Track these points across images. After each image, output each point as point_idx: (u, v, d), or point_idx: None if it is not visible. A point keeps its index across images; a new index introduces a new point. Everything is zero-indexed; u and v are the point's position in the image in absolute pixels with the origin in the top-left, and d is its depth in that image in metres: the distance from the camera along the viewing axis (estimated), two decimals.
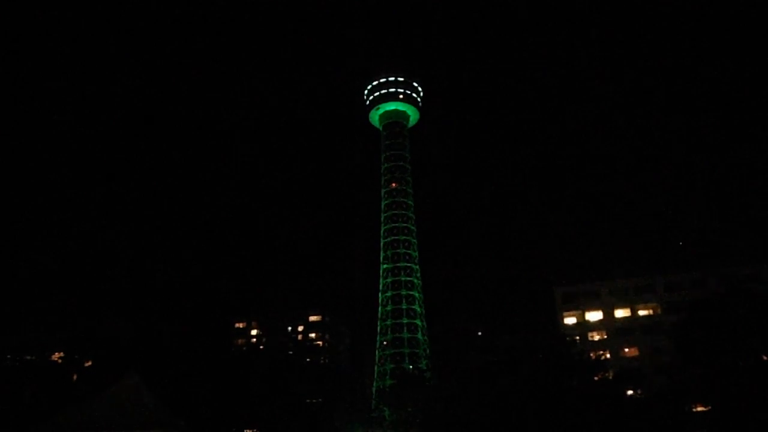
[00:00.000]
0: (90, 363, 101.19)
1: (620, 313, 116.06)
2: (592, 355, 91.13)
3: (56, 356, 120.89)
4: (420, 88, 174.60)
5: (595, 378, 72.40)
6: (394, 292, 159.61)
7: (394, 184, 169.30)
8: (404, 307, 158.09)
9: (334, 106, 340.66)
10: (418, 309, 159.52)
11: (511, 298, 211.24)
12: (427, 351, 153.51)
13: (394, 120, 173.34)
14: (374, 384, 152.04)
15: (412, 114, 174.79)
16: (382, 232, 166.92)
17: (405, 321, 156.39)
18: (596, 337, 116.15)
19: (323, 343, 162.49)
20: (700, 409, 68.36)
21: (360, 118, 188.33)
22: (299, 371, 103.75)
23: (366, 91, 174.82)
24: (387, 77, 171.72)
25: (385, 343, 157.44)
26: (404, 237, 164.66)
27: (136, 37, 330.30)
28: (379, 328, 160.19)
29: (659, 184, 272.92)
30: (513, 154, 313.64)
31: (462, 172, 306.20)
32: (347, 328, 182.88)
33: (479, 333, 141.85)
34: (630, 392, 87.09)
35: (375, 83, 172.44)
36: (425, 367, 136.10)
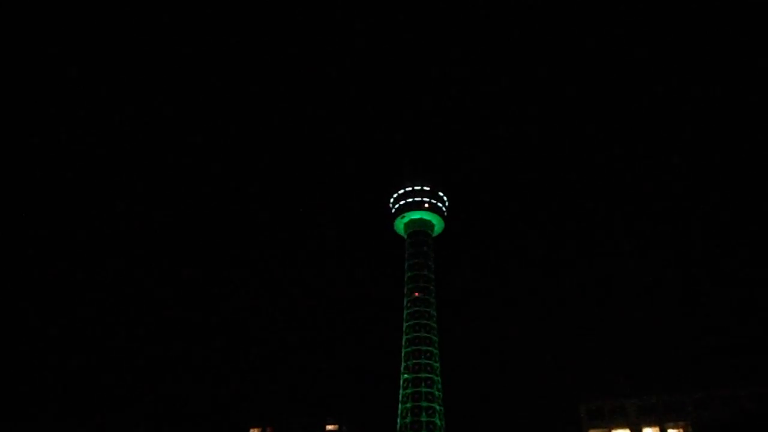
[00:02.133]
0: None
1: (648, 431, 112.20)
2: None
3: None
4: (446, 198, 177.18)
5: None
6: (414, 404, 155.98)
7: (417, 294, 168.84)
8: (424, 419, 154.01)
9: (358, 213, 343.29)
10: (438, 422, 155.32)
11: (535, 413, 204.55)
12: None
13: (419, 229, 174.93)
14: None
15: (437, 223, 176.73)
16: (403, 341, 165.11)
17: None
18: None
19: None
20: None
21: (385, 226, 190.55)
22: None
23: (392, 200, 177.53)
24: (413, 186, 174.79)
25: None
26: (426, 347, 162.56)
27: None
28: None
29: (689, 300, 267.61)
30: (541, 264, 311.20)
31: (487, 281, 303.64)
32: None
33: None
34: None
35: (401, 192, 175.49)
36: None
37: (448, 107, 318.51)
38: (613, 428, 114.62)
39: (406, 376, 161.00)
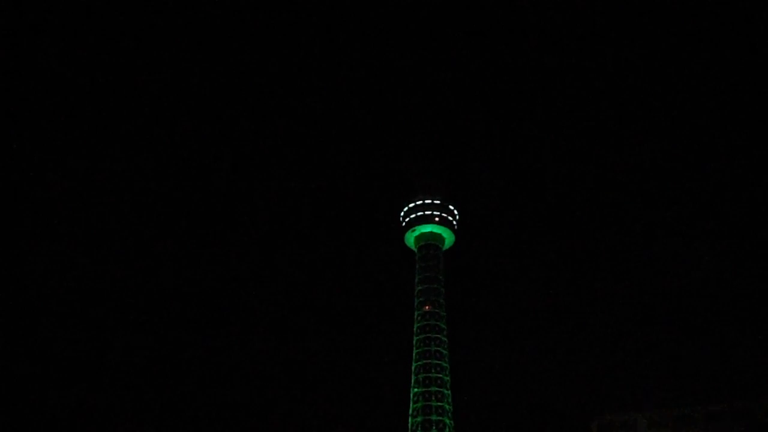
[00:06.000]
0: None
1: None
2: None
3: None
4: (456, 211, 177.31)
5: None
6: (425, 417, 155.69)
7: (427, 307, 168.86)
8: None
9: (368, 226, 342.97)
10: None
11: (547, 427, 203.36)
12: None
13: (430, 242, 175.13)
14: None
15: (448, 237, 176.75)
16: (414, 355, 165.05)
17: None
18: None
19: None
20: None
21: (395, 239, 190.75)
22: None
23: (402, 213, 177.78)
24: (423, 200, 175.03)
25: None
26: (437, 361, 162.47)
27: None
28: None
29: (701, 311, 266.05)
30: (553, 277, 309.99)
31: (498, 294, 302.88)
32: None
33: None
34: None
35: (411, 205, 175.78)
36: None
37: (460, 119, 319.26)
38: None
39: (416, 389, 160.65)
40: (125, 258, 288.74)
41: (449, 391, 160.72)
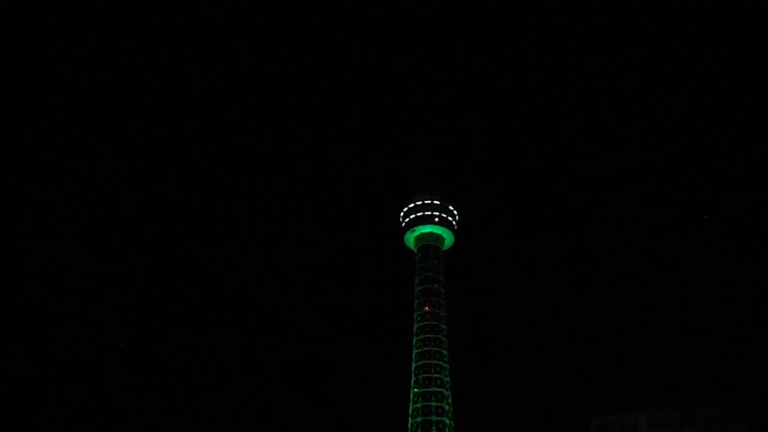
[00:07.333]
0: None
1: None
2: None
3: None
4: (456, 211, 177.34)
5: None
6: (425, 418, 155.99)
7: (427, 307, 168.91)
8: None
9: (368, 226, 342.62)
10: None
11: (546, 428, 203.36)
12: None
13: (429, 242, 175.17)
14: None
15: (447, 237, 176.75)
16: (413, 355, 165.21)
17: None
18: None
19: None
20: None
21: (395, 239, 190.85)
22: None
23: (402, 214, 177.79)
24: (423, 200, 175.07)
25: None
26: (436, 362, 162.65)
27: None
28: None
29: (702, 312, 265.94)
30: (552, 277, 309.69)
31: (498, 294, 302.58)
32: None
33: None
34: None
35: (411, 206, 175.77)
36: None
37: (459, 119, 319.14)
38: None
39: (416, 390, 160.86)
40: (125, 258, 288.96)
41: (449, 392, 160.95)
